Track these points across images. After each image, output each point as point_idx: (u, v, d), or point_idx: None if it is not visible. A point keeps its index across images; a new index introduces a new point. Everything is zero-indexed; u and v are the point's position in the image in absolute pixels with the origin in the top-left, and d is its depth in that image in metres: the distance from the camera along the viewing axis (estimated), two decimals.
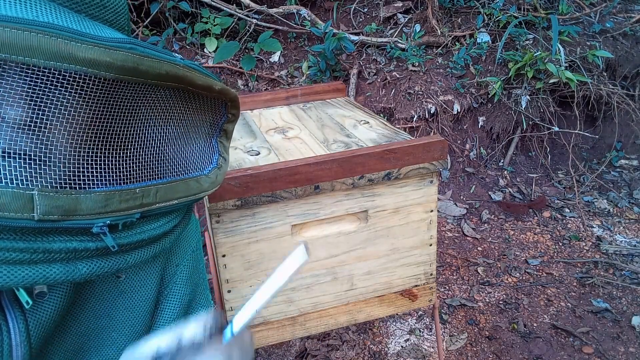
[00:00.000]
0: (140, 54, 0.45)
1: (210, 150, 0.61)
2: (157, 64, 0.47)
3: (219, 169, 0.60)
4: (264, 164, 1.08)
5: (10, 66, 0.41)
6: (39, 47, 0.40)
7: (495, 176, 2.95)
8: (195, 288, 0.76)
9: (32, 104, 0.43)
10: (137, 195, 0.50)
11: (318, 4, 3.45)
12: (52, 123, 0.45)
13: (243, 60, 3.06)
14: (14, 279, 0.43)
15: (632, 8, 3.33)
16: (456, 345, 1.88)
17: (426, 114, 2.87)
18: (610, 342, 1.87)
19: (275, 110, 1.52)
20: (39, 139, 0.44)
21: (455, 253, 2.39)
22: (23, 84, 0.42)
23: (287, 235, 1.11)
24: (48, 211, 0.43)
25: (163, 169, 0.55)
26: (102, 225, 0.46)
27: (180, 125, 0.57)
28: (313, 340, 1.88)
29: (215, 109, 0.59)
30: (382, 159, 1.10)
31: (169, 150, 0.56)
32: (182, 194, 0.55)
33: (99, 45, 0.43)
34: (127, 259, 0.51)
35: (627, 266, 2.25)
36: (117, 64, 0.43)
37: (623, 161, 3.08)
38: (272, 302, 1.17)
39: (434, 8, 3.20)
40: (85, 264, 0.47)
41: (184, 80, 0.51)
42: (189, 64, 0.51)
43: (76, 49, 0.41)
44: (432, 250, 1.25)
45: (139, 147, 0.52)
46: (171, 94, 0.53)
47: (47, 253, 0.44)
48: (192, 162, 0.58)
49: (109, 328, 0.64)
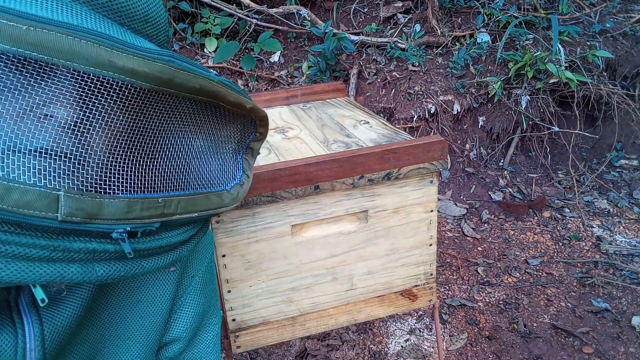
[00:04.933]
0: (178, 67, 0.46)
1: (235, 166, 0.61)
2: (193, 78, 0.48)
3: (241, 185, 0.60)
4: (264, 164, 1.08)
5: (60, 68, 0.42)
6: (80, 53, 0.40)
7: (495, 176, 2.95)
8: (209, 300, 0.77)
9: (78, 106, 0.44)
10: (159, 205, 0.50)
11: (318, 4, 3.45)
12: (92, 126, 0.46)
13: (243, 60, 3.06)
14: (32, 275, 0.43)
15: (632, 8, 3.33)
16: (456, 345, 1.88)
17: (426, 114, 2.87)
18: (610, 342, 1.87)
19: (275, 110, 1.52)
20: (79, 140, 0.45)
21: (455, 253, 2.39)
22: (71, 86, 0.43)
23: (287, 235, 1.11)
24: (71, 213, 0.43)
25: (187, 180, 0.55)
26: (122, 232, 0.47)
27: (208, 139, 0.57)
28: (313, 340, 1.88)
29: (244, 126, 0.60)
30: (382, 159, 1.10)
31: (195, 163, 0.56)
32: (203, 207, 0.55)
33: (139, 55, 0.43)
34: (144, 264, 0.51)
35: (627, 266, 2.25)
36: (154, 75, 0.44)
37: (623, 161, 3.08)
38: (272, 302, 1.17)
39: (434, 8, 3.20)
40: (102, 267, 0.47)
41: (216, 95, 0.51)
42: (223, 81, 0.52)
43: (116, 57, 0.42)
44: (432, 250, 1.25)
45: (166, 157, 0.53)
46: (202, 108, 0.54)
47: (67, 252, 0.45)
48: (215, 177, 0.59)
49: (124, 336, 0.65)
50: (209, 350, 0.77)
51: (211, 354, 0.78)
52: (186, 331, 0.73)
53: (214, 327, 0.79)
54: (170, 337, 0.72)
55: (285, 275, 1.15)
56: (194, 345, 0.76)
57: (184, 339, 0.73)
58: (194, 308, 0.73)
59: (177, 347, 0.73)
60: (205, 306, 0.75)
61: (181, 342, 0.73)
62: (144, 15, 0.51)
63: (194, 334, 0.75)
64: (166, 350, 0.73)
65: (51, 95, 0.43)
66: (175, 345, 0.73)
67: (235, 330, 1.16)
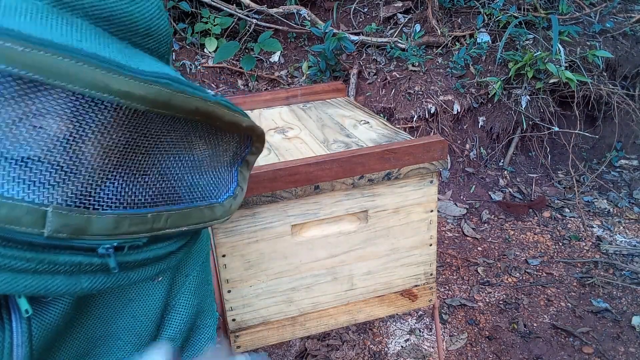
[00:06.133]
0: (175, 89, 0.46)
1: (229, 179, 0.60)
2: (189, 99, 0.47)
3: (234, 198, 0.60)
4: (263, 164, 1.08)
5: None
6: (76, 75, 0.40)
7: (495, 176, 2.95)
8: (203, 299, 0.76)
9: (70, 121, 0.44)
10: (148, 220, 0.50)
11: (318, 4, 3.45)
12: (83, 141, 0.45)
13: (243, 60, 3.06)
14: (16, 286, 0.43)
15: (632, 8, 3.33)
16: (456, 345, 1.88)
17: (426, 114, 2.87)
18: (610, 342, 1.87)
19: (275, 110, 1.52)
20: (70, 154, 0.45)
21: (455, 253, 2.39)
22: (65, 102, 0.43)
23: (287, 235, 1.11)
24: (58, 229, 0.43)
25: (178, 194, 0.55)
26: (109, 247, 0.47)
27: (202, 155, 0.57)
28: (313, 340, 1.88)
29: (241, 140, 0.59)
30: (382, 159, 1.10)
31: (187, 177, 0.56)
32: (194, 221, 0.55)
33: (135, 78, 0.43)
34: (130, 276, 0.51)
35: (627, 266, 2.25)
36: (149, 98, 0.44)
37: (623, 161, 3.08)
38: (272, 302, 1.17)
39: (434, 8, 3.20)
40: (87, 278, 0.47)
41: (211, 116, 0.51)
42: (220, 100, 0.51)
43: (113, 81, 0.42)
44: (432, 250, 1.25)
45: (157, 173, 0.52)
46: (197, 126, 0.53)
47: (52, 265, 0.45)
48: (209, 189, 0.58)
49: (115, 335, 0.64)
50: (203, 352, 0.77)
51: None
52: (179, 332, 0.72)
53: (208, 329, 0.78)
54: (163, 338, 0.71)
55: (285, 275, 1.15)
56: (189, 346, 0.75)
57: (177, 340, 0.72)
58: (187, 309, 0.72)
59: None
60: (199, 307, 0.74)
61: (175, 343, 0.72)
62: (146, 30, 0.50)
63: (188, 335, 0.74)
64: None
65: (43, 108, 0.43)
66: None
67: (235, 330, 1.16)
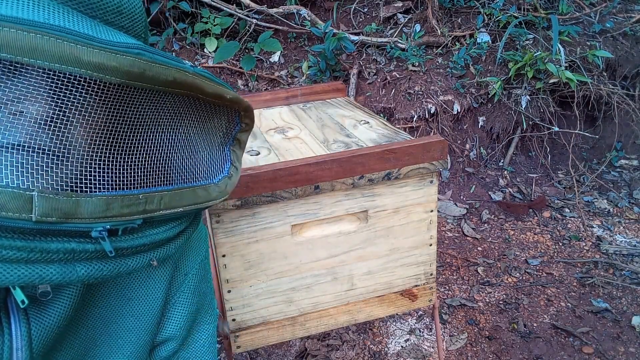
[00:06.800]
0: (148, 59, 0.44)
1: (223, 158, 0.60)
2: (165, 70, 0.46)
3: (229, 178, 0.59)
4: (263, 164, 1.08)
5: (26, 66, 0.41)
6: (42, 49, 0.39)
7: (495, 176, 2.95)
8: (203, 297, 0.75)
9: (50, 103, 0.44)
10: (140, 201, 0.49)
11: (318, 4, 3.45)
12: (65, 123, 0.45)
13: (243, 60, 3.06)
14: (10, 277, 0.43)
15: (632, 8, 3.33)
16: (456, 345, 1.88)
17: (426, 114, 2.87)
18: (610, 342, 1.87)
19: (275, 110, 1.52)
20: (53, 137, 0.44)
21: (455, 253, 2.39)
22: (42, 83, 0.43)
23: (287, 235, 1.11)
24: (46, 213, 0.42)
25: (170, 175, 0.54)
26: (102, 230, 0.46)
27: (191, 132, 0.56)
28: (313, 340, 1.88)
29: (229, 118, 0.58)
30: (382, 159, 1.10)
31: (178, 157, 0.55)
32: (189, 202, 0.54)
33: (105, 49, 0.42)
34: (127, 263, 0.50)
35: (627, 266, 2.25)
36: (123, 69, 0.43)
37: (623, 161, 3.08)
38: (272, 302, 1.17)
39: (434, 8, 3.20)
40: (83, 266, 0.47)
41: (193, 87, 0.50)
42: (199, 72, 0.50)
43: (82, 53, 0.41)
44: (432, 250, 1.25)
45: (145, 153, 0.51)
46: (181, 101, 0.52)
47: (45, 253, 0.44)
48: (202, 170, 0.57)
49: (115, 335, 0.64)
50: (204, 350, 0.76)
51: (206, 353, 0.76)
52: (180, 330, 0.71)
53: (209, 326, 0.77)
54: (164, 337, 0.71)
55: (285, 275, 1.15)
56: (189, 344, 0.75)
57: (178, 338, 0.72)
58: (187, 306, 0.71)
59: (171, 347, 0.72)
60: (199, 304, 0.74)
61: (175, 342, 0.72)
62: (117, 6, 0.49)
63: (188, 333, 0.74)
64: (160, 350, 0.72)
65: (22, 92, 0.42)
66: (168, 345, 0.72)
67: (235, 330, 1.16)
